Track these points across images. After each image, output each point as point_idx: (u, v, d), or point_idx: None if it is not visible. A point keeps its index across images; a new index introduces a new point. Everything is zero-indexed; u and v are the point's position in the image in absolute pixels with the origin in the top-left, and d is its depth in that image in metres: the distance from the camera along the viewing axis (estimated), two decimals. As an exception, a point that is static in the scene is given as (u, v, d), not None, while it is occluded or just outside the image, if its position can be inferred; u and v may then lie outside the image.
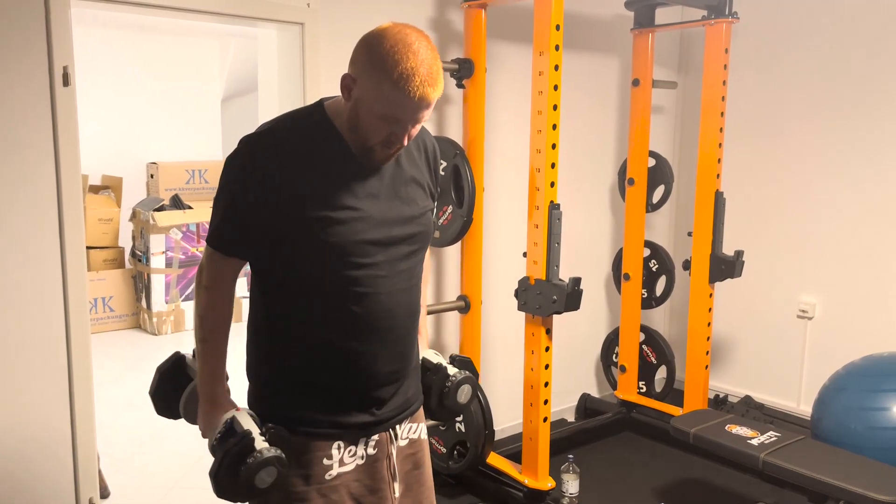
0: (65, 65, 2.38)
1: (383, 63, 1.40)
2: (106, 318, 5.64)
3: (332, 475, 1.56)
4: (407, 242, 1.58)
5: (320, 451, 1.55)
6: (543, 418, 3.06)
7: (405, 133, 1.47)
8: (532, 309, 2.95)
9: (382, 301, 1.54)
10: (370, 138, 1.47)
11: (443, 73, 1.45)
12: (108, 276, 5.63)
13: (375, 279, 1.53)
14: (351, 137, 1.51)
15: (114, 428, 3.85)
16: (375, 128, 1.46)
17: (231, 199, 1.51)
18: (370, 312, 1.53)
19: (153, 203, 5.74)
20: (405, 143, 1.49)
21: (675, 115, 4.48)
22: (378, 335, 1.56)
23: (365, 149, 1.50)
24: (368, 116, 1.45)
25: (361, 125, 1.47)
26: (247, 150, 1.50)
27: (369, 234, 1.50)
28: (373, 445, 1.61)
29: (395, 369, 1.61)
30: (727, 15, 3.49)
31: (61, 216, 2.44)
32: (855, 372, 3.10)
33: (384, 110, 1.43)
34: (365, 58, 1.43)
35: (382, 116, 1.44)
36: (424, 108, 1.44)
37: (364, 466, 1.61)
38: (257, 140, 1.52)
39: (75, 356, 2.51)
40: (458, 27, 3.32)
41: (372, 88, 1.42)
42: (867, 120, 3.72)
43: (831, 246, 3.89)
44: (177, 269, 5.64)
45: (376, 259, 1.52)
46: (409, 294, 1.61)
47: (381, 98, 1.42)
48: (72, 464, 2.57)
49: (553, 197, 2.90)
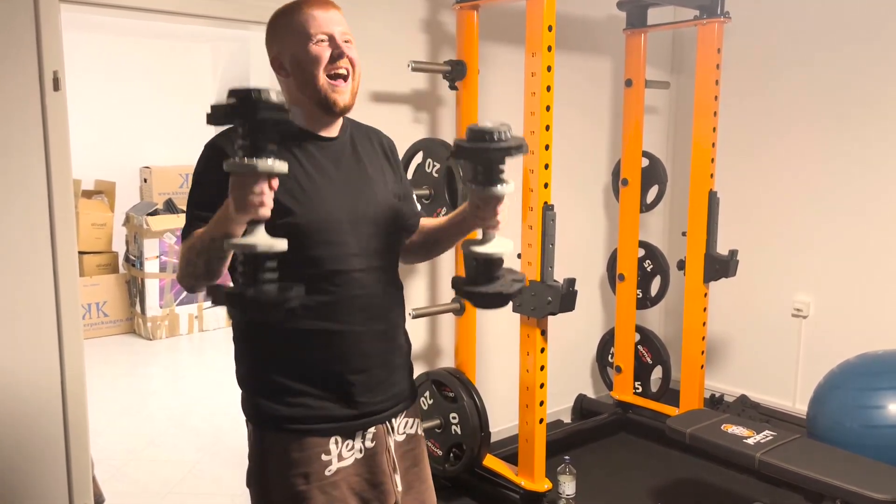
0: (55, 69, 2.36)
1: (283, 17, 1.57)
2: (100, 324, 5.61)
3: (331, 471, 1.56)
4: (374, 222, 1.61)
5: (318, 447, 1.56)
6: (539, 420, 3.05)
7: (341, 48, 1.54)
8: (527, 310, 2.95)
9: (356, 278, 1.56)
10: (316, 71, 1.53)
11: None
12: (102, 281, 5.61)
13: (346, 257, 1.55)
14: (305, 100, 1.56)
15: (108, 434, 3.84)
16: (314, 56, 1.52)
17: (198, 193, 1.53)
18: (345, 291, 1.56)
19: (147, 207, 5.72)
20: (346, 52, 1.54)
21: (669, 115, 4.48)
22: (356, 314, 1.57)
23: (319, 97, 1.54)
24: (303, 56, 1.53)
25: (305, 72, 1.54)
26: (208, 148, 1.56)
27: (334, 214, 1.54)
28: (370, 438, 1.62)
29: (380, 349, 1.62)
30: (719, 15, 3.49)
31: (53, 221, 2.43)
32: (849, 370, 3.10)
33: (306, 36, 1.52)
34: (271, 30, 1.60)
35: (312, 42, 1.52)
36: (333, 12, 1.55)
37: (363, 460, 1.61)
38: (215, 138, 1.57)
39: (68, 362, 2.50)
40: (450, 29, 3.32)
41: (289, 37, 1.54)
42: (860, 119, 3.72)
43: (825, 245, 3.90)
44: (171, 273, 5.62)
45: (344, 238, 1.55)
46: (382, 272, 1.63)
47: (298, 32, 1.53)
48: (65, 471, 2.55)
49: (547, 198, 2.90)
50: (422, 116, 3.33)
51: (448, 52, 3.31)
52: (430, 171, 3.09)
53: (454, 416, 3.16)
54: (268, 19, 1.62)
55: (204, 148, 1.57)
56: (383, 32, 3.15)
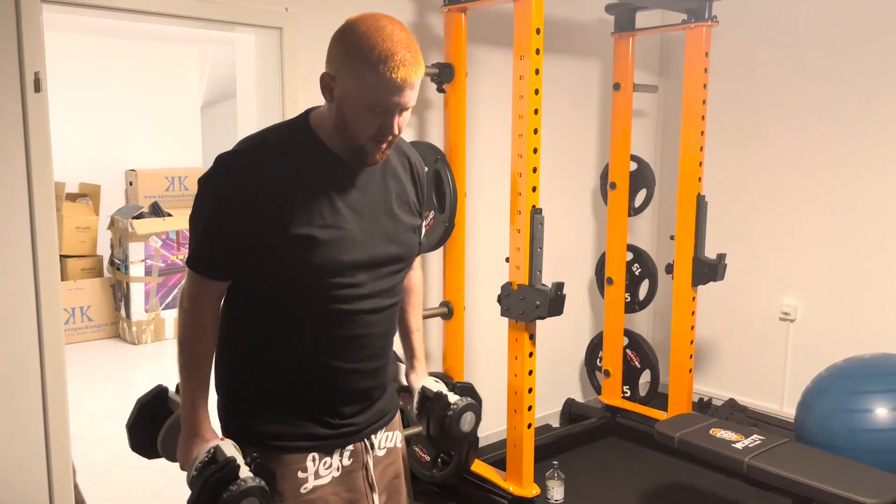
0: (36, 70, 2.32)
1: (359, 51, 1.36)
2: (84, 328, 5.55)
3: (307, 489, 1.53)
4: (390, 262, 1.55)
5: (294, 464, 1.52)
6: (528, 424, 3.04)
7: (394, 122, 1.43)
8: (515, 314, 2.93)
9: (362, 319, 1.52)
10: (360, 135, 1.43)
11: (421, 54, 1.41)
12: (87, 285, 5.55)
13: (356, 298, 1.50)
14: (339, 141, 1.46)
15: (91, 440, 3.79)
16: (363, 121, 1.41)
17: (209, 220, 1.46)
18: (349, 330, 1.51)
19: (132, 211, 5.67)
20: (396, 133, 1.45)
21: (657, 118, 4.48)
22: (354, 352, 1.53)
23: (356, 149, 1.45)
24: (354, 110, 1.40)
25: (348, 122, 1.42)
26: (224, 171, 1.45)
27: (352, 255, 1.47)
28: (348, 456, 1.58)
29: (371, 385, 1.59)
30: (707, 19, 3.50)
31: (33, 224, 2.38)
32: (837, 374, 3.11)
33: (369, 99, 1.38)
34: (340, 51, 1.40)
35: (368, 106, 1.39)
36: (408, 89, 1.40)
37: (340, 478, 1.57)
38: (233, 159, 1.46)
39: (49, 368, 2.45)
40: (438, 31, 3.30)
41: (353, 80, 1.38)
42: (848, 123, 3.74)
43: (812, 248, 3.91)
44: (156, 277, 5.58)
45: (359, 279, 1.49)
46: (389, 312, 1.59)
47: (363, 87, 1.38)
48: (46, 478, 2.51)
49: (535, 201, 2.89)
50: (409, 119, 3.31)
51: (436, 55, 3.30)
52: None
53: (442, 421, 3.13)
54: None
55: (215, 163, 1.46)
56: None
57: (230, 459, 1.40)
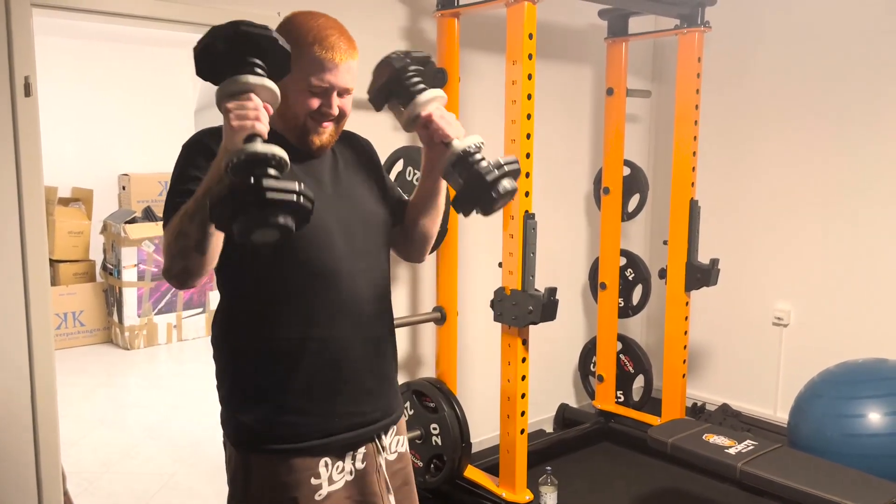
0: (26, 75, 2.32)
1: (297, 34, 1.45)
2: (76, 333, 5.53)
3: (321, 495, 1.51)
4: (363, 224, 1.58)
5: (308, 469, 1.50)
6: (521, 430, 3.03)
7: (332, 101, 1.48)
8: (508, 319, 2.93)
9: (345, 283, 1.52)
10: (299, 112, 1.48)
11: (355, 42, 1.50)
12: (79, 289, 5.52)
13: (333, 259, 1.51)
14: (285, 126, 1.51)
15: (82, 446, 3.77)
16: (303, 101, 1.47)
17: (178, 185, 1.43)
18: (334, 295, 1.51)
19: (125, 215, 5.65)
20: (335, 113, 1.49)
21: (650, 123, 4.49)
22: (345, 319, 1.53)
23: (298, 128, 1.50)
24: (294, 90, 1.47)
25: (290, 103, 1.47)
26: (187, 146, 1.50)
27: (323, 217, 1.48)
28: (360, 459, 1.57)
29: (367, 356, 1.58)
30: (699, 24, 3.50)
31: (23, 229, 2.37)
32: (830, 379, 3.11)
33: (306, 79, 1.45)
34: (284, 30, 1.47)
35: (308, 85, 1.46)
36: (343, 69, 1.47)
37: (354, 482, 1.56)
38: (195, 135, 1.51)
39: (38, 373, 2.44)
40: (430, 36, 3.30)
41: (291, 62, 1.42)
42: (840, 127, 3.74)
43: (805, 253, 3.91)
44: (149, 282, 5.55)
45: (333, 240, 1.51)
46: (372, 275, 1.59)
47: (300, 67, 1.44)
48: (35, 485, 2.49)
49: (528, 206, 2.88)
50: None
51: (429, 60, 3.29)
52: (411, 179, 3.07)
53: (435, 426, 3.12)
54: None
55: (185, 144, 1.51)
56: (364, 40, 3.07)
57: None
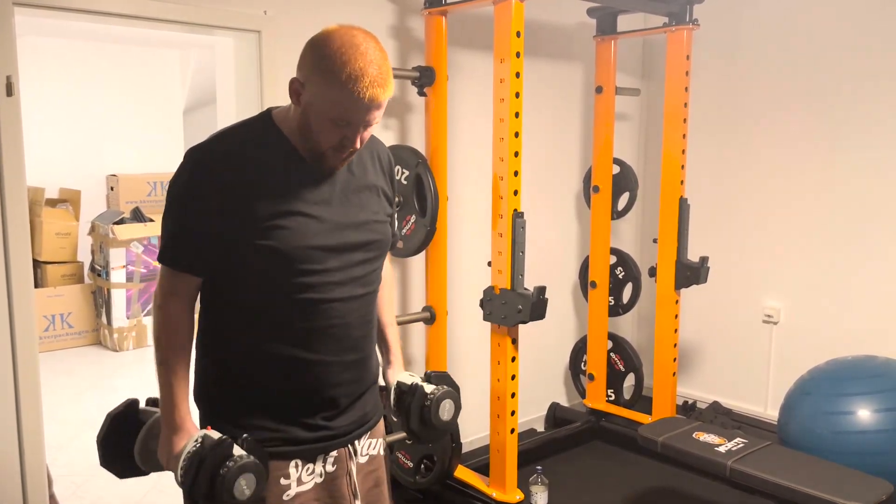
0: (8, 74, 2.28)
1: (331, 65, 1.38)
2: (65, 335, 5.49)
3: (289, 496, 1.51)
4: (362, 249, 1.54)
5: (277, 470, 1.50)
6: (511, 430, 3.02)
7: (357, 136, 1.44)
8: (497, 319, 2.92)
9: (336, 308, 1.51)
10: (322, 143, 1.45)
11: (392, 74, 1.43)
12: (67, 291, 5.48)
13: (328, 286, 1.49)
14: (302, 143, 1.48)
15: (70, 449, 3.74)
16: (327, 132, 1.43)
17: (179, 213, 1.48)
18: (322, 320, 1.49)
19: (113, 216, 5.61)
20: (357, 147, 1.46)
21: (639, 121, 4.49)
22: (331, 344, 1.52)
23: (316, 154, 1.47)
24: (319, 120, 1.42)
25: (312, 130, 1.44)
26: (193, 163, 1.48)
27: (321, 240, 1.47)
28: (331, 462, 1.56)
29: (350, 379, 1.57)
30: (688, 22, 3.50)
31: (5, 230, 2.34)
32: (820, 376, 3.11)
33: (334, 113, 1.41)
34: (312, 61, 1.41)
35: (333, 120, 1.41)
36: (375, 109, 1.42)
37: (323, 485, 1.55)
38: (202, 151, 1.49)
39: (22, 376, 2.41)
40: (418, 34, 3.29)
41: (321, 92, 1.40)
42: (829, 125, 3.75)
43: (794, 251, 3.91)
44: (138, 283, 5.52)
45: (328, 265, 1.48)
46: (363, 301, 1.57)
47: (330, 101, 1.40)
48: (20, 489, 2.46)
49: (517, 205, 2.87)
50: (390, 123, 3.29)
51: (417, 58, 3.28)
52: (399, 178, 3.05)
53: (425, 426, 3.11)
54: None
55: (186, 160, 1.48)
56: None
57: (223, 438, 1.37)
